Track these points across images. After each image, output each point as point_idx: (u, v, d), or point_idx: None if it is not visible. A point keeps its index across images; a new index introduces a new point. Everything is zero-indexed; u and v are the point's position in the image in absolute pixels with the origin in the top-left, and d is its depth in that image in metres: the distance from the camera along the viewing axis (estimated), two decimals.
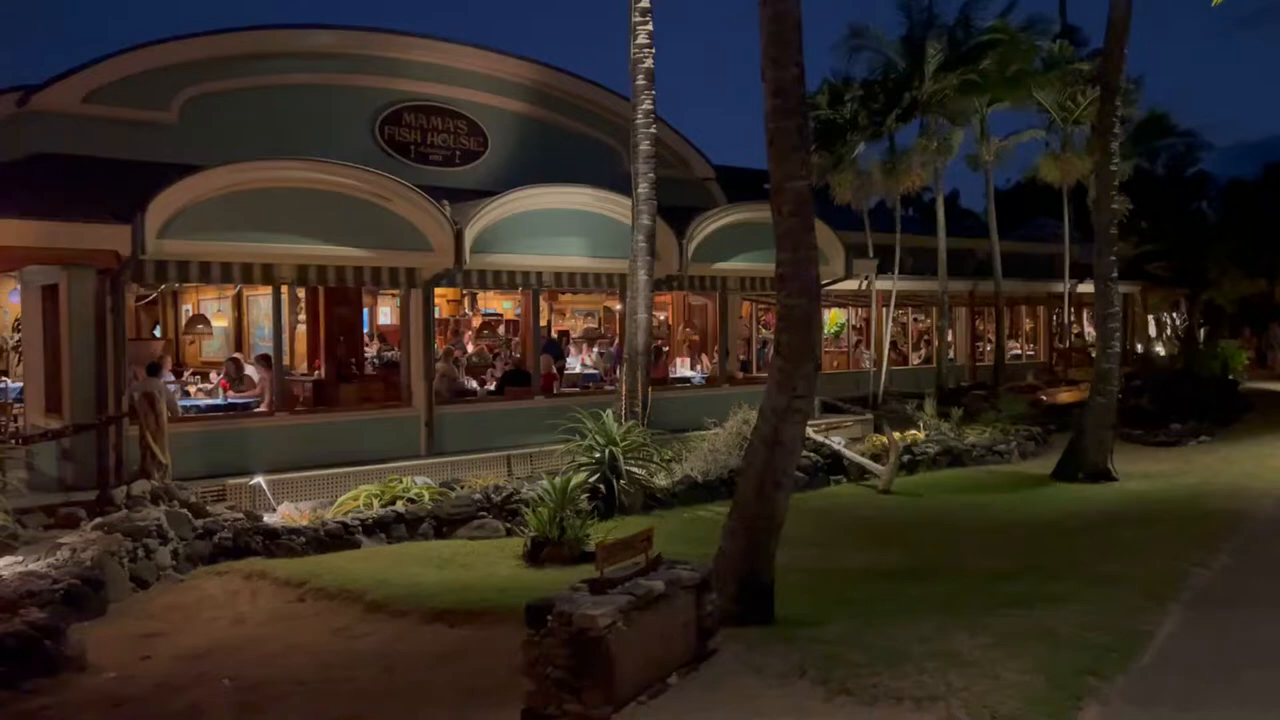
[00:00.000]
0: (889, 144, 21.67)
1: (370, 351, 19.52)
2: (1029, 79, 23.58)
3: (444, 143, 18.75)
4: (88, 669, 6.80)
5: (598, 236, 16.08)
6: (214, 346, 19.01)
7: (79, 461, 12.28)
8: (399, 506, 11.25)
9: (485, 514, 11.28)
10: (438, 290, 22.64)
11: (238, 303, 19.68)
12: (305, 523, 10.54)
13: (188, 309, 20.19)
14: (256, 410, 14.17)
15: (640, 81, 15.36)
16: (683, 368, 20.74)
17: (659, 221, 16.35)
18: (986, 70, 21.17)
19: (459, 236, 14.29)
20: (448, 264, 14.41)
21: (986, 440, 17.52)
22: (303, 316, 17.20)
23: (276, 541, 10.03)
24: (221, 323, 18.72)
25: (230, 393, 15.26)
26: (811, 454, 14.60)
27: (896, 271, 22.04)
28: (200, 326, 16.26)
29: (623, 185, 19.32)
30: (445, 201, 14.80)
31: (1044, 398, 22.66)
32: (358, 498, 11.45)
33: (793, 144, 7.48)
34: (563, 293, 21.36)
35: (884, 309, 22.84)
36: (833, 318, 28.49)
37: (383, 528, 10.74)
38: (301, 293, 16.58)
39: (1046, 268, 29.50)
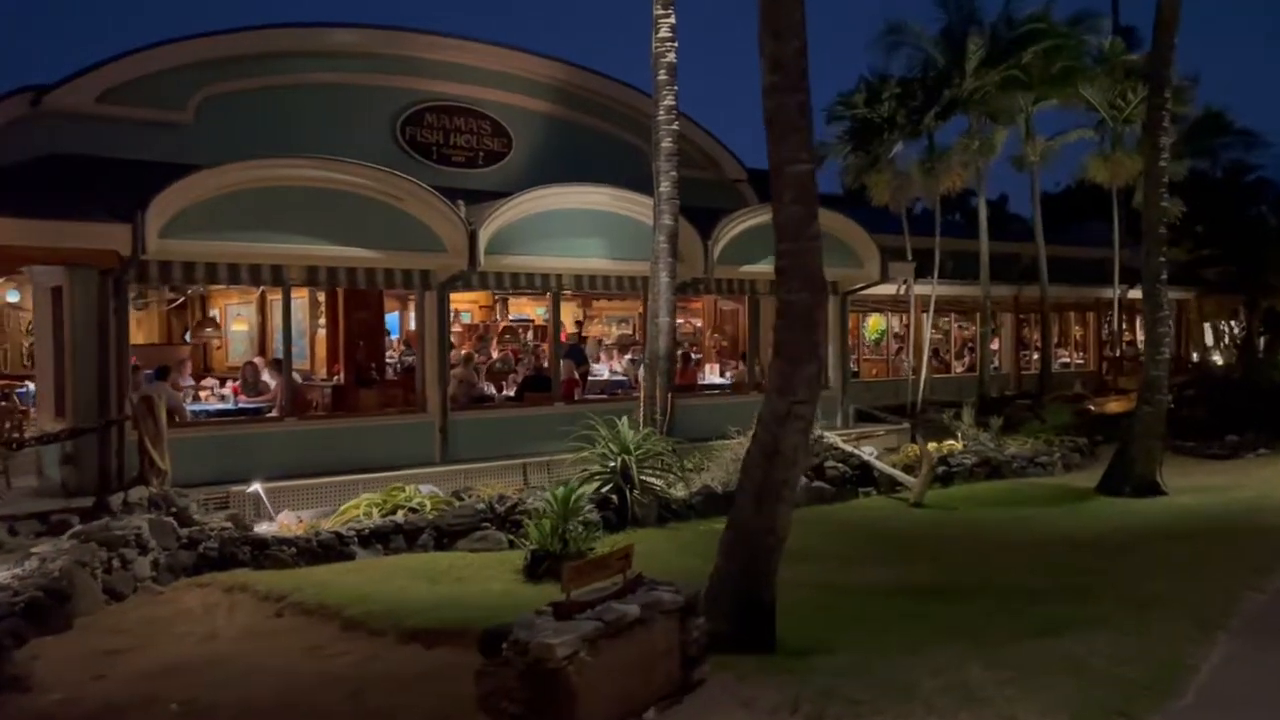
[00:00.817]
0: (928, 143, 20.90)
1: (393, 356, 19.21)
2: (1076, 76, 22.69)
3: (467, 143, 18.37)
4: (34, 689, 6.37)
5: (618, 237, 15.55)
6: (240, 351, 18.81)
7: (81, 467, 11.97)
8: (399, 516, 10.77)
9: (488, 525, 10.76)
10: (470, 296, 22.35)
11: (262, 306, 19.49)
12: (299, 532, 10.09)
13: (214, 313, 20.08)
14: (265, 416, 13.82)
15: (662, 77, 14.84)
16: (713, 374, 20.14)
17: (682, 222, 15.81)
18: (1030, 65, 20.33)
19: (473, 237, 13.83)
20: (461, 265, 13.96)
21: (1028, 451, 16.68)
22: (324, 320, 16.91)
23: (265, 552, 9.58)
24: (243, 327, 18.48)
25: (243, 398, 14.95)
26: (840, 464, 13.92)
27: (936, 276, 21.26)
28: (208, 330, 15.94)
29: (650, 186, 18.87)
30: (460, 201, 14.36)
31: (1092, 407, 21.71)
32: (358, 506, 10.99)
33: (793, 123, 6.88)
34: (594, 297, 20.91)
35: (923, 314, 22.04)
36: (873, 324, 27.72)
37: (380, 539, 10.25)
38: (322, 296, 16.29)
39: (1097, 273, 28.43)
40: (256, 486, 11.44)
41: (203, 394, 14.71)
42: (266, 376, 15.05)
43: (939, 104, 20.08)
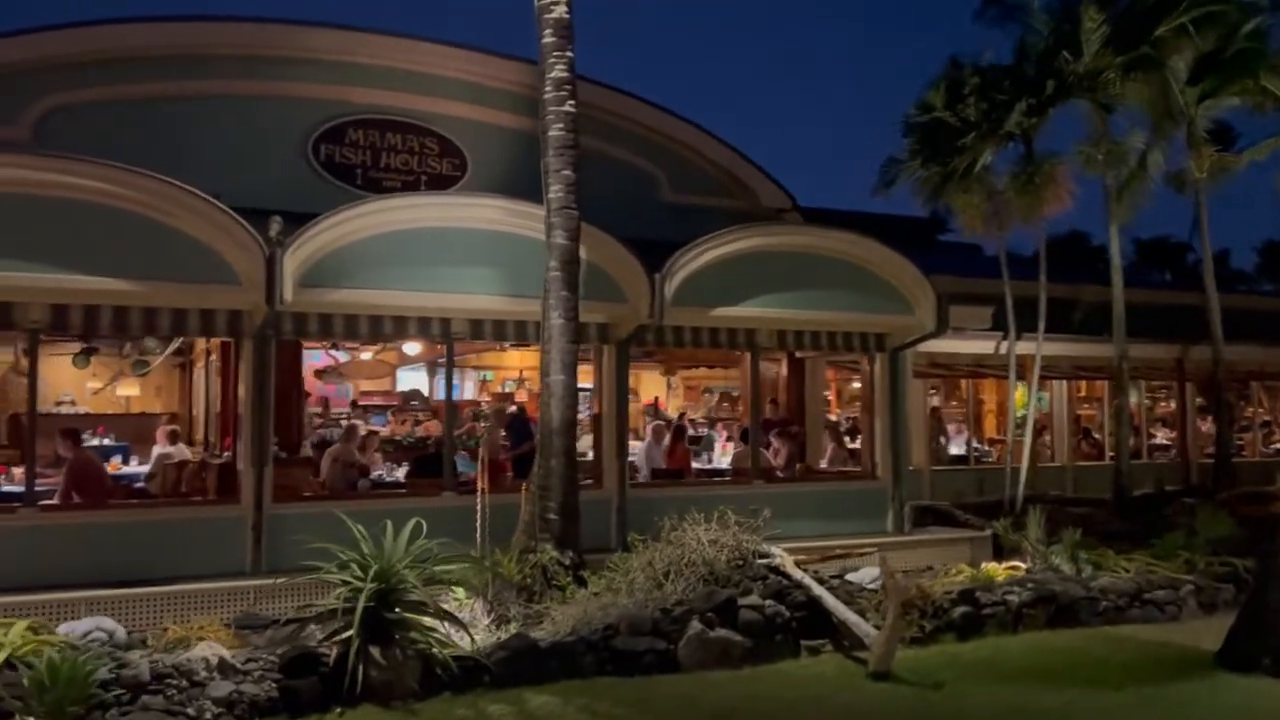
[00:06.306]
0: (1025, 150, 15.50)
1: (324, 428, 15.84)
2: (1258, 62, 16.83)
3: (404, 165, 14.83)
4: None
5: (517, 267, 11.31)
6: None
7: None
8: None
9: None
10: (515, 356, 18.48)
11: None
12: None
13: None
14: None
15: (548, 39, 10.75)
16: (722, 456, 15.46)
17: (620, 250, 11.62)
18: (1163, 39, 14.72)
19: (271, 263, 10.03)
20: (257, 301, 10.18)
21: (1128, 584, 10.90)
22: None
23: None
24: (132, 390, 15.52)
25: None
26: (770, 602, 8.90)
27: (1042, 328, 15.71)
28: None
29: (664, 216, 15.13)
30: (277, 218, 10.66)
31: None
32: None
33: None
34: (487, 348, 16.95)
35: (1031, 378, 16.53)
36: (1020, 398, 22.04)
37: None
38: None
39: None
40: None
41: None
42: (64, 451, 11.68)
43: (1037, 95, 14.76)
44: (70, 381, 18.22)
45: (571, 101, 10.69)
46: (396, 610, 7.79)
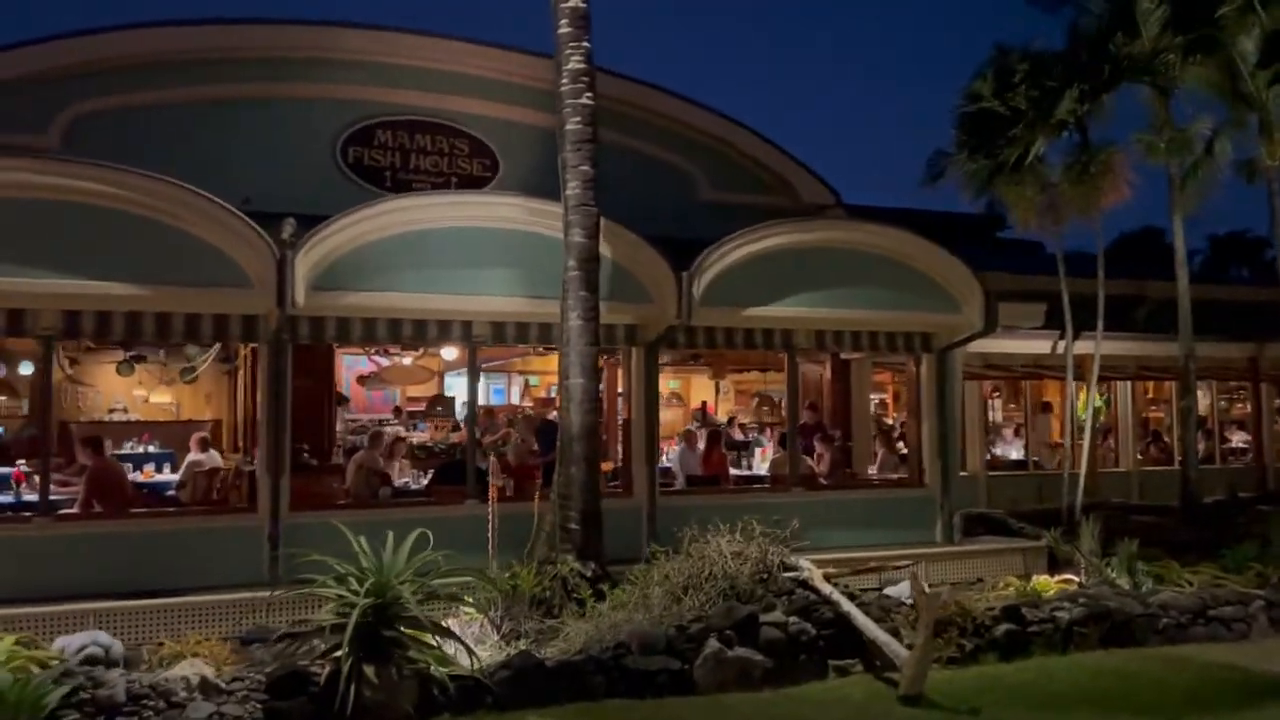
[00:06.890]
0: (1081, 140, 14.72)
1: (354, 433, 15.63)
2: None
3: (434, 166, 14.56)
4: None
5: (539, 267, 10.90)
6: None
7: None
8: None
9: None
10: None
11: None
12: None
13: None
14: (6, 516, 10.33)
15: (564, 29, 10.35)
16: (762, 462, 14.91)
17: (640, 245, 11.14)
18: (1227, 18, 13.84)
19: (282, 266, 9.76)
20: (268, 305, 9.92)
21: (1191, 599, 10.12)
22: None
23: None
24: (165, 398, 15.46)
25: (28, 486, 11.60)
26: (795, 619, 8.35)
27: (1101, 326, 14.89)
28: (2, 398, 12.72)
29: (701, 215, 14.67)
30: (290, 219, 10.42)
31: None
32: None
33: None
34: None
35: (1089, 379, 15.69)
36: (1084, 400, 21.10)
37: None
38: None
39: None
40: None
41: None
42: (84, 459, 11.55)
43: (1091, 80, 13.98)
44: (123, 390, 18.37)
45: (589, 94, 10.28)
46: (398, 628, 7.41)
